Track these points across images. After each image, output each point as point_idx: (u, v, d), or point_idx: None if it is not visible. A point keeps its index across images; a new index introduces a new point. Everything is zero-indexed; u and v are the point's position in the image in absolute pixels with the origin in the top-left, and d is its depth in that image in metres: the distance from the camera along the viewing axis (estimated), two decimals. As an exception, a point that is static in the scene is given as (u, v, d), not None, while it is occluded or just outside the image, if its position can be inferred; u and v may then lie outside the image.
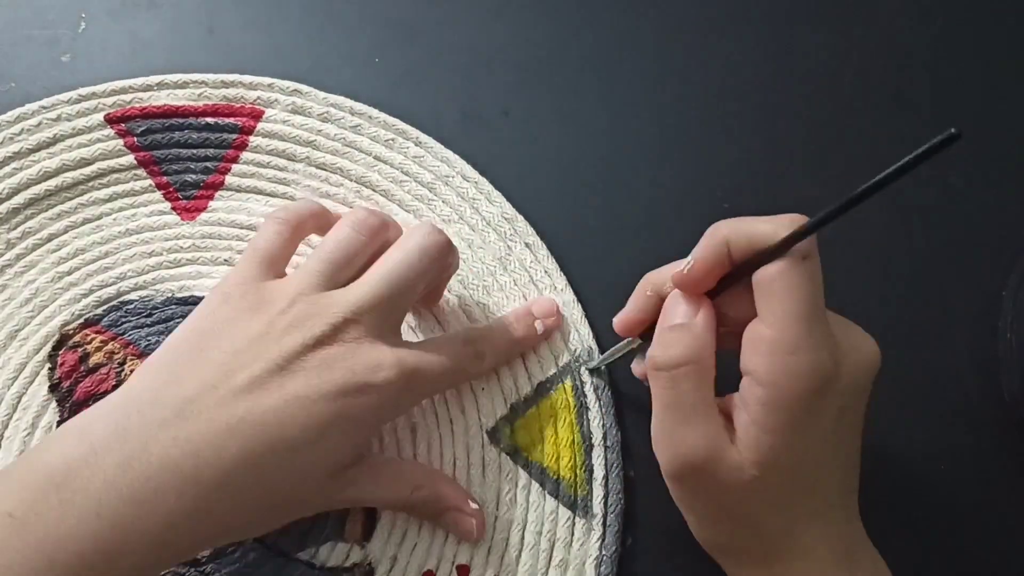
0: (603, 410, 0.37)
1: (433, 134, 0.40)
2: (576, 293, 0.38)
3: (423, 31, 0.43)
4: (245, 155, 0.39)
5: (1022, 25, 0.44)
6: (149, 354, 0.37)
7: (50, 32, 0.41)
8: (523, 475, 0.36)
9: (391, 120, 0.40)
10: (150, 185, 0.39)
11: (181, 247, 0.39)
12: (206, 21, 0.42)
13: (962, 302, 0.39)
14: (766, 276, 0.28)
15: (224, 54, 0.41)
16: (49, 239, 0.38)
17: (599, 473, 0.36)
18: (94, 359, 0.37)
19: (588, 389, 0.37)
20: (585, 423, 0.36)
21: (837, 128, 0.42)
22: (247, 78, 0.40)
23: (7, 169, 0.38)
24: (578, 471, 0.36)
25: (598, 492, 0.36)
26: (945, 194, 0.41)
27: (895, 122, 0.42)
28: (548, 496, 0.36)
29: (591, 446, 0.36)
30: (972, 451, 0.37)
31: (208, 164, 0.39)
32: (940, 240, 0.40)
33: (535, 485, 0.36)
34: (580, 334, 0.38)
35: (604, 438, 0.36)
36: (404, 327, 0.38)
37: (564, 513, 0.35)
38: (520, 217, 0.39)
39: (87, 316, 0.37)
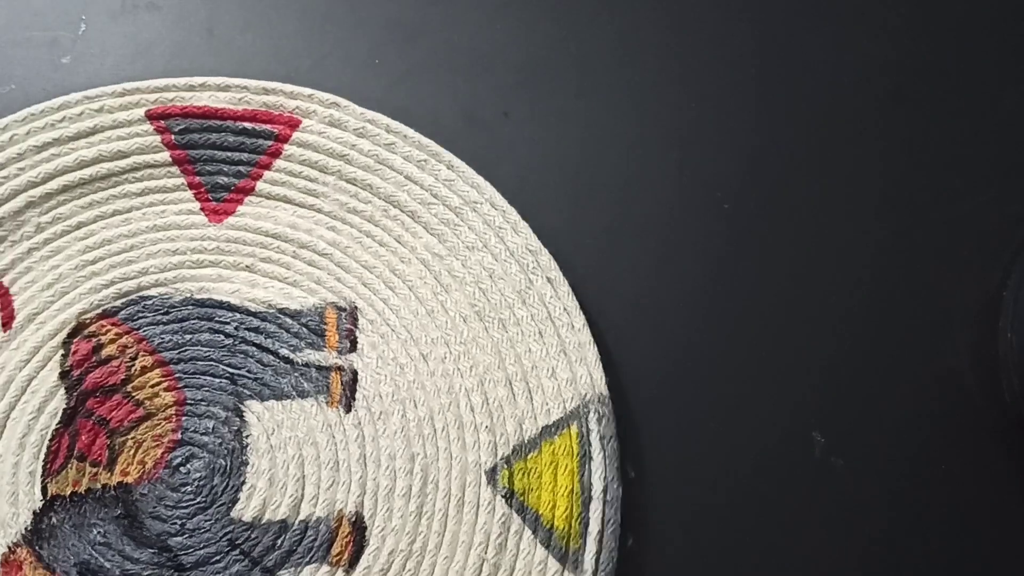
0: (607, 462, 0.35)
1: (433, 136, 0.40)
2: (594, 334, 0.37)
3: (423, 32, 0.42)
4: (278, 163, 0.39)
5: (1022, 24, 0.43)
6: (161, 351, 0.37)
7: (50, 34, 0.42)
8: (516, 520, 0.34)
9: (425, 141, 0.39)
10: (182, 184, 0.39)
11: (205, 248, 0.39)
12: (206, 23, 0.42)
13: (962, 302, 0.39)
14: None
15: (225, 56, 0.42)
16: (78, 227, 0.38)
17: (594, 528, 0.34)
18: (107, 351, 0.37)
19: (594, 438, 0.35)
20: (586, 473, 0.35)
21: (837, 128, 0.41)
22: (288, 87, 0.40)
23: (45, 154, 0.38)
24: (573, 522, 0.34)
25: (591, 547, 0.34)
26: (945, 194, 0.40)
27: (895, 122, 0.41)
28: (539, 545, 0.34)
29: (589, 498, 0.34)
30: (972, 451, 0.37)
31: (241, 168, 0.39)
32: (940, 240, 0.40)
33: (527, 532, 0.34)
34: (593, 378, 0.36)
35: (604, 491, 0.35)
36: (415, 352, 0.37)
37: (553, 565, 0.34)
38: (544, 251, 0.38)
39: (105, 307, 0.38)
